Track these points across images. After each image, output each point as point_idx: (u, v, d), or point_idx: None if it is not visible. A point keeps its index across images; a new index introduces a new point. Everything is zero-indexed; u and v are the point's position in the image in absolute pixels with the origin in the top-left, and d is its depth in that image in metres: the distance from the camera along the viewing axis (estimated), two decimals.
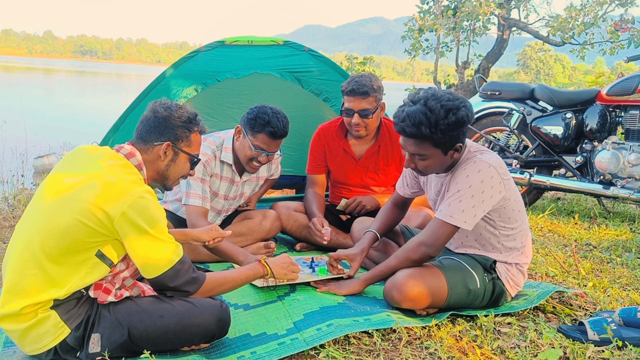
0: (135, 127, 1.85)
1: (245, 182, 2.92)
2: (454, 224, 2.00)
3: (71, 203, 1.61)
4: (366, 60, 10.50)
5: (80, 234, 1.58)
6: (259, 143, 2.64)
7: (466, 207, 1.98)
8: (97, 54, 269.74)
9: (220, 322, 1.76)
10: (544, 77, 46.78)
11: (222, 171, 2.80)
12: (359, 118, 2.86)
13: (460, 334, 1.93)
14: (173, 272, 1.66)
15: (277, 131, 2.62)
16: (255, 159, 2.68)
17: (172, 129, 1.82)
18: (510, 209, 2.08)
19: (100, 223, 1.58)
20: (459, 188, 1.99)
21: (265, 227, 2.90)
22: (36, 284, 1.59)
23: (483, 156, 2.03)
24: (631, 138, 3.82)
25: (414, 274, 2.04)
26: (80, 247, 1.59)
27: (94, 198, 1.59)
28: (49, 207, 1.64)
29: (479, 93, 4.66)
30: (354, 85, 2.83)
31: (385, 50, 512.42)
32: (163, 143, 1.80)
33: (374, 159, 3.04)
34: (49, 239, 1.60)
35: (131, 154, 1.77)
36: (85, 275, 1.63)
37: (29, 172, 4.94)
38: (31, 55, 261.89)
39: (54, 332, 1.61)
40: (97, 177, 1.63)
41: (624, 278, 2.65)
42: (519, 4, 9.10)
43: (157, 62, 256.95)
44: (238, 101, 4.03)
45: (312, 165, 3.17)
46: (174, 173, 1.87)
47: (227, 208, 2.94)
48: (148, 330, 1.66)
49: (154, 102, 1.88)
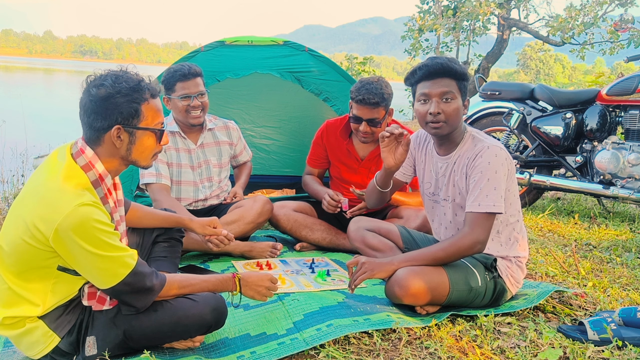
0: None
1: (204, 149, 3.00)
2: (497, 212, 2.03)
3: (14, 221, 1.54)
4: (366, 60, 10.51)
5: (29, 252, 1.50)
6: (180, 92, 2.79)
7: (502, 192, 2.03)
8: (97, 54, 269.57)
9: (215, 311, 1.72)
10: (544, 77, 46.79)
11: (175, 143, 2.94)
12: (367, 126, 2.83)
13: (460, 334, 1.93)
14: (122, 286, 1.54)
15: (185, 71, 2.78)
16: (189, 108, 2.81)
17: (115, 109, 1.54)
18: (512, 193, 2.13)
19: (40, 242, 1.48)
20: (488, 177, 2.03)
21: (256, 210, 2.87)
22: (10, 298, 1.57)
23: (490, 141, 2.12)
24: (631, 138, 3.82)
25: (416, 270, 2.04)
26: (34, 264, 1.52)
27: (29, 215, 1.49)
28: (7, 222, 1.59)
29: (479, 93, 4.66)
30: (364, 95, 2.76)
31: (385, 50, 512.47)
32: (111, 128, 1.56)
33: (376, 161, 3.03)
34: (6, 257, 1.55)
35: (79, 152, 1.58)
36: (54, 288, 1.56)
37: (29, 172, 4.93)
38: (31, 55, 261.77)
39: (44, 341, 1.59)
40: (34, 190, 1.53)
41: (623, 278, 2.65)
42: (519, 4, 9.10)
43: (157, 62, 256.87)
44: (238, 101, 4.03)
45: (312, 158, 3.21)
46: (139, 154, 1.65)
47: (202, 179, 2.97)
48: (143, 326, 1.64)
49: (86, 78, 1.58)
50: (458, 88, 2.09)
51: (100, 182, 1.60)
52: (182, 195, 2.94)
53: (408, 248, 2.48)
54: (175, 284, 1.69)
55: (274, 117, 4.12)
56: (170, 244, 2.21)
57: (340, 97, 3.70)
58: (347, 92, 3.70)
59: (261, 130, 4.16)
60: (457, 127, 2.14)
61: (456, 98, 2.08)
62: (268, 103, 4.06)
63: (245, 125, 4.01)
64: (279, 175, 4.21)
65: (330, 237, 3.03)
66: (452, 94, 2.07)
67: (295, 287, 2.35)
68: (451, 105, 2.07)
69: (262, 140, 4.17)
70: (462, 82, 2.10)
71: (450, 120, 2.09)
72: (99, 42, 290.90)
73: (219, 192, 3.05)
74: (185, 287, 1.72)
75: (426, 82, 2.10)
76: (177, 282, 1.70)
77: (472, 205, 2.05)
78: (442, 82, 2.07)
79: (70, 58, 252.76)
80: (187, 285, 1.72)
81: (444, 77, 2.08)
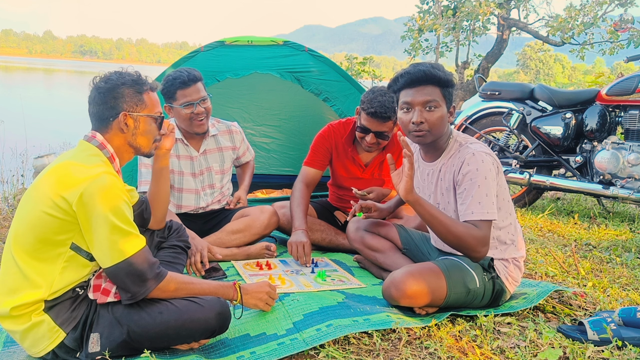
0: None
1: (207, 155, 2.94)
2: (490, 219, 2.01)
3: (35, 197, 1.62)
4: (366, 60, 10.49)
5: (47, 225, 1.57)
6: (182, 99, 2.71)
7: (493, 198, 2.01)
8: (97, 54, 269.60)
9: (220, 315, 1.73)
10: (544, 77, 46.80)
11: (177, 150, 2.87)
12: (375, 138, 2.77)
13: (460, 334, 1.93)
14: (125, 265, 1.58)
15: (185, 78, 2.70)
16: (193, 116, 2.74)
17: (122, 98, 1.74)
18: (501, 197, 2.10)
19: (63, 211, 1.56)
20: (478, 184, 2.00)
21: (263, 222, 2.87)
22: (17, 283, 1.59)
23: (476, 146, 2.07)
24: (631, 138, 3.82)
25: (413, 272, 2.04)
26: (50, 239, 1.58)
27: (53, 187, 1.58)
28: (22, 204, 1.67)
29: (479, 93, 4.66)
30: (377, 109, 2.65)
31: (385, 50, 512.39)
32: (119, 115, 1.74)
33: (380, 166, 3.02)
34: (20, 236, 1.61)
35: (91, 137, 1.74)
36: (63, 271, 1.60)
37: (29, 172, 4.93)
38: (31, 55, 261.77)
39: (49, 337, 1.61)
40: (57, 168, 1.63)
41: (623, 278, 2.65)
42: (519, 4, 9.09)
43: (157, 62, 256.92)
44: (238, 101, 4.03)
45: (313, 159, 3.03)
46: (142, 140, 1.81)
47: (204, 186, 2.94)
48: (147, 328, 1.64)
49: (93, 79, 1.78)
50: (442, 95, 2.05)
51: (113, 160, 1.75)
52: (183, 202, 2.91)
53: (407, 248, 2.49)
54: (175, 279, 1.70)
55: (274, 116, 4.12)
56: (175, 250, 2.21)
57: (340, 97, 3.70)
58: (347, 92, 3.71)
59: (261, 129, 4.16)
60: (441, 135, 2.11)
61: (440, 106, 2.04)
62: (268, 103, 4.06)
63: (245, 124, 4.01)
64: (279, 175, 4.21)
65: (330, 237, 3.03)
66: (435, 102, 2.03)
67: (295, 287, 2.35)
68: (434, 114, 2.04)
69: (262, 139, 4.17)
70: (447, 89, 2.05)
71: (434, 129, 2.06)
72: (99, 42, 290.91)
73: (220, 197, 3.02)
74: (185, 284, 1.72)
75: (409, 90, 2.06)
76: (177, 279, 1.72)
77: (465, 213, 2.03)
78: (425, 90, 2.03)
79: (70, 58, 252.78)
80: (187, 283, 1.73)
81: (427, 85, 2.03)
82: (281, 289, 2.29)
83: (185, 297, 1.72)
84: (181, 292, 1.71)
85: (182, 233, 2.28)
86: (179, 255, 2.22)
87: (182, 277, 1.75)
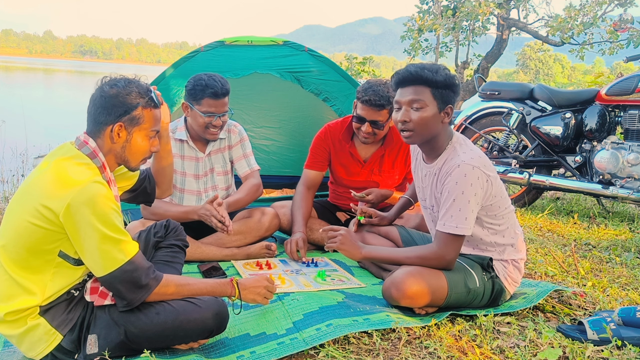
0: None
1: (211, 157, 2.94)
2: (459, 234, 2.01)
3: (19, 205, 1.58)
4: (366, 60, 10.49)
5: (33, 235, 1.54)
6: (206, 108, 2.70)
7: (467, 214, 1.99)
8: (97, 54, 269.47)
9: (217, 316, 1.73)
10: (543, 77, 46.81)
11: (182, 151, 2.88)
12: (370, 127, 2.82)
13: (459, 334, 1.93)
14: (119, 273, 1.56)
15: (217, 90, 2.68)
16: (210, 125, 2.75)
17: (121, 107, 1.67)
18: (496, 205, 2.09)
19: (49, 221, 1.52)
20: (454, 197, 1.99)
21: (264, 224, 2.88)
22: (11, 290, 1.58)
23: (465, 157, 2.02)
24: (630, 138, 3.82)
25: (413, 272, 2.04)
26: (37, 248, 1.55)
27: (38, 196, 1.54)
28: (10, 209, 1.63)
29: (479, 93, 4.66)
30: (371, 96, 2.73)
31: (385, 50, 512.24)
32: (113, 124, 1.67)
33: (378, 162, 3.03)
34: (8, 245, 1.58)
35: (83, 142, 1.67)
36: (53, 277, 1.59)
37: (29, 172, 4.94)
38: (31, 55, 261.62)
39: (46, 340, 1.60)
40: (42, 175, 1.58)
41: (623, 278, 2.65)
42: (519, 4, 9.09)
43: (157, 62, 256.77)
44: (238, 101, 4.02)
45: (312, 161, 3.09)
46: (132, 154, 1.74)
47: (206, 187, 2.93)
48: (145, 328, 1.64)
49: (102, 78, 1.73)
50: (432, 96, 2.02)
51: (103, 169, 1.69)
52: (184, 203, 2.91)
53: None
54: (172, 283, 1.69)
55: (274, 117, 4.12)
56: (172, 250, 2.20)
57: (340, 97, 3.70)
58: (346, 92, 3.71)
59: (261, 131, 4.16)
60: (432, 137, 2.09)
61: (426, 106, 2.02)
62: (268, 103, 4.05)
63: (245, 126, 4.00)
64: (279, 176, 4.21)
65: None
66: (421, 102, 2.02)
67: (295, 286, 2.35)
68: (418, 114, 2.02)
69: (262, 141, 4.17)
70: (439, 89, 2.02)
71: (418, 129, 2.04)
72: (99, 42, 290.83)
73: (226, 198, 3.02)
74: (182, 285, 1.71)
75: (399, 90, 2.08)
76: (174, 282, 1.70)
77: (439, 223, 2.05)
78: (412, 89, 2.03)
79: (70, 58, 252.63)
80: (184, 285, 1.72)
81: (415, 85, 2.03)
82: (281, 288, 2.30)
83: (183, 297, 1.72)
84: (179, 293, 1.71)
85: (179, 232, 2.27)
86: (177, 255, 2.22)
87: (179, 279, 1.75)
